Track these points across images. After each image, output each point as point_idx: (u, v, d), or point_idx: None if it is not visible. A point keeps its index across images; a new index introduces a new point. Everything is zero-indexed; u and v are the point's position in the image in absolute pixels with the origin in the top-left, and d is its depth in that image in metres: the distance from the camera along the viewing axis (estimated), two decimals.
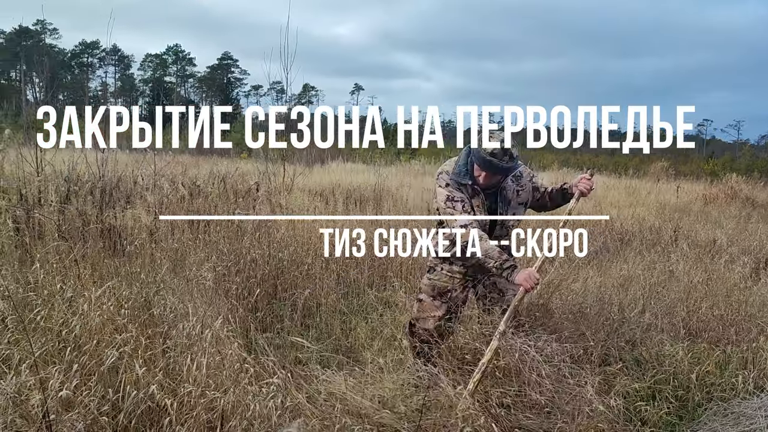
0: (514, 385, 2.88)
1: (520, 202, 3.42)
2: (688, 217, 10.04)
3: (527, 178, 3.44)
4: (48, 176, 6.06)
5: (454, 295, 3.40)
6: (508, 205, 3.37)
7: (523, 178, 3.43)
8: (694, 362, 3.53)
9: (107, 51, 78.28)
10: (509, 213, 3.38)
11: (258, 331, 3.94)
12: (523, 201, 3.43)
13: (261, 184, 7.64)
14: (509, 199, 3.37)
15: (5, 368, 2.53)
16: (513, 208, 3.39)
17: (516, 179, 3.39)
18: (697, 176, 22.72)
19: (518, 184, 3.40)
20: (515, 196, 3.39)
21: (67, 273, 3.58)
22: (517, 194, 3.40)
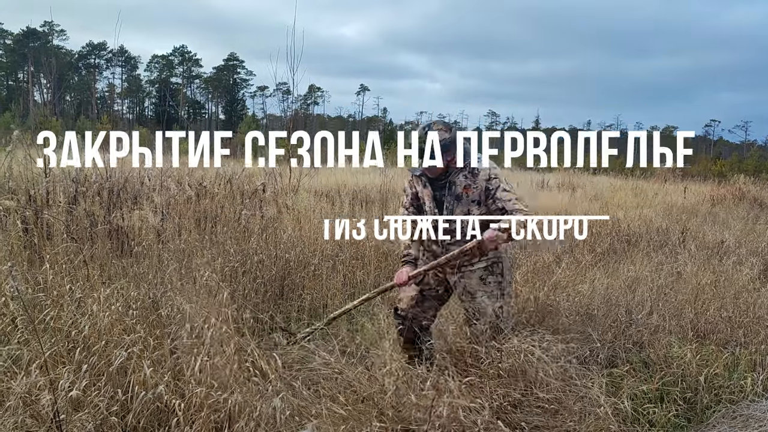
0: (520, 384, 2.88)
1: (473, 199, 3.28)
2: (696, 219, 10.00)
3: (483, 177, 3.26)
4: (56, 177, 6.09)
5: (426, 279, 3.43)
6: (457, 200, 3.28)
7: (479, 175, 3.26)
8: (702, 364, 3.51)
9: (114, 52, 78.60)
10: (457, 208, 3.28)
11: (264, 332, 3.95)
12: (475, 199, 3.28)
13: (267, 185, 7.64)
14: (458, 193, 3.28)
15: (15, 368, 2.55)
16: (464, 204, 3.28)
17: (471, 175, 3.27)
18: (704, 177, 22.64)
19: (473, 180, 3.28)
20: (467, 191, 3.28)
21: (76, 274, 3.59)
22: (470, 190, 3.28)
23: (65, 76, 75.35)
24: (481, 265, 3.30)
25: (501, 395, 2.81)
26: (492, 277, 3.30)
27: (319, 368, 2.91)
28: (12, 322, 2.90)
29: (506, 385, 2.87)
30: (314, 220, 6.15)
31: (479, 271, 3.30)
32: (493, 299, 3.27)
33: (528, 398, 2.85)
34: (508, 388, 2.86)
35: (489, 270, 3.30)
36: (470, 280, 3.30)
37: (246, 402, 2.53)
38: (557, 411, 2.79)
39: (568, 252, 6.40)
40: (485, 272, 3.30)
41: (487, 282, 3.29)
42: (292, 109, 13.07)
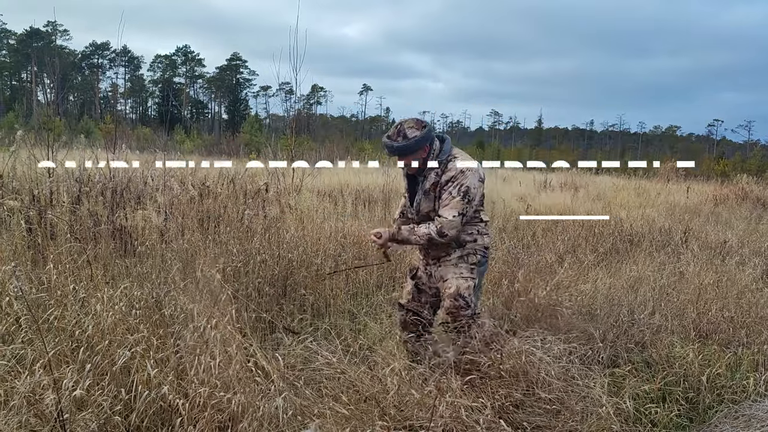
0: (522, 384, 2.88)
1: (437, 196, 3.35)
2: (699, 218, 9.99)
3: (449, 175, 3.29)
4: (59, 177, 6.11)
5: (419, 273, 3.59)
6: (425, 196, 3.38)
7: (447, 172, 3.30)
8: (704, 364, 3.51)
9: (117, 52, 78.77)
10: (423, 203, 3.39)
11: (267, 332, 3.96)
12: (438, 195, 3.35)
13: (270, 184, 7.65)
14: (426, 189, 3.37)
15: (20, 368, 2.56)
16: (430, 200, 3.37)
17: (442, 172, 3.32)
18: (707, 177, 22.60)
19: (441, 176, 3.33)
20: (434, 187, 3.35)
21: (79, 273, 3.61)
22: (437, 186, 3.34)
23: (68, 76, 75.54)
24: (456, 255, 3.41)
25: (503, 395, 2.82)
26: (464, 264, 3.41)
27: (322, 368, 2.91)
28: (16, 321, 2.91)
29: (508, 386, 2.88)
30: (317, 219, 6.17)
31: (454, 259, 3.42)
32: (462, 280, 3.37)
33: (530, 399, 2.86)
34: (510, 389, 2.86)
35: (463, 259, 3.42)
36: (446, 268, 3.43)
37: (249, 402, 2.54)
38: (559, 411, 2.79)
39: (570, 252, 6.40)
40: (459, 260, 3.42)
41: (458, 266, 3.41)
42: (295, 109, 13.11)
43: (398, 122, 3.38)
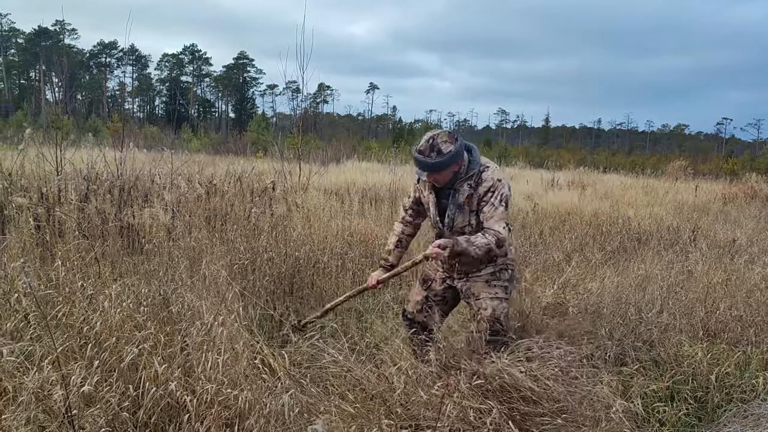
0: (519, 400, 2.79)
1: (472, 209, 3.21)
2: (707, 217, 9.94)
3: (485, 187, 3.16)
4: (68, 175, 6.14)
5: (433, 285, 3.47)
6: (459, 210, 3.21)
7: (482, 184, 3.16)
8: (713, 363, 3.49)
9: (125, 51, 79.09)
10: (458, 218, 3.22)
11: (273, 330, 3.96)
12: (475, 209, 3.20)
13: (277, 183, 7.67)
14: (460, 202, 3.20)
15: (28, 364, 2.57)
16: (465, 214, 3.21)
17: (476, 184, 3.17)
18: (716, 175, 22.50)
19: (476, 189, 3.18)
20: (469, 201, 3.19)
21: (87, 271, 3.62)
22: (473, 199, 3.19)
23: (77, 75, 75.92)
24: (488, 271, 3.29)
25: (507, 400, 2.78)
26: (498, 281, 3.29)
27: (329, 366, 2.91)
28: (25, 318, 2.92)
29: (510, 401, 2.80)
30: (324, 218, 6.17)
31: (485, 276, 3.29)
32: (497, 301, 3.24)
33: (534, 408, 2.80)
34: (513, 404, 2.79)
35: (495, 275, 3.29)
36: (476, 284, 3.30)
37: (256, 399, 2.55)
38: (567, 417, 2.74)
39: (578, 250, 6.38)
40: (491, 277, 3.29)
41: (491, 284, 3.28)
42: (301, 107, 13.13)
43: (429, 135, 3.15)
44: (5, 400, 2.38)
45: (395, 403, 2.61)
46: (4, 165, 6.50)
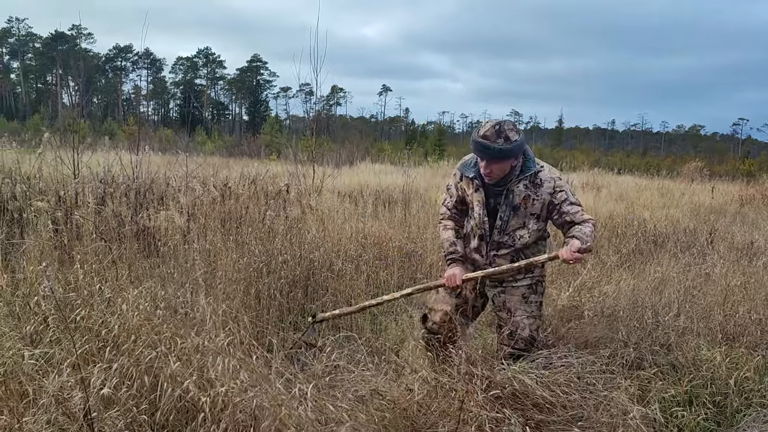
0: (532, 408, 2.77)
1: (532, 212, 3.04)
2: (724, 219, 9.83)
3: (547, 189, 3.01)
4: (84, 178, 6.21)
5: (463, 292, 3.24)
6: (513, 211, 3.04)
7: (542, 187, 3.01)
8: (732, 367, 3.45)
9: (140, 54, 79.81)
10: (512, 220, 3.05)
11: (288, 332, 3.98)
12: (536, 212, 3.05)
13: (291, 185, 7.70)
14: (516, 204, 3.03)
15: (48, 367, 2.60)
16: (521, 216, 3.05)
17: (533, 185, 3.02)
18: (732, 177, 22.27)
19: (534, 191, 3.02)
20: (525, 202, 3.02)
21: (105, 274, 3.66)
22: (529, 202, 3.02)
23: (93, 79, 76.63)
24: (525, 283, 3.15)
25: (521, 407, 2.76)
26: (534, 296, 3.16)
27: (346, 373, 2.90)
28: (44, 321, 2.96)
29: (524, 408, 2.78)
30: (338, 220, 6.18)
31: (522, 289, 3.14)
32: (532, 319, 3.12)
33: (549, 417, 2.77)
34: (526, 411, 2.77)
35: (532, 289, 3.16)
36: (512, 297, 3.14)
37: (272, 402, 2.55)
38: (584, 426, 2.71)
39: (593, 252, 6.34)
40: (528, 290, 3.15)
41: (529, 301, 3.13)
42: (314, 110, 13.18)
43: (494, 122, 2.94)
44: (26, 403, 2.41)
45: (414, 413, 2.60)
46: (23, 169, 6.59)
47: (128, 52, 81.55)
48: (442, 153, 29.53)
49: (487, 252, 3.16)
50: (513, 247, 3.10)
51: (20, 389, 2.48)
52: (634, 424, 2.60)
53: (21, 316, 3.12)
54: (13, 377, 2.50)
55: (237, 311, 3.60)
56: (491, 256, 3.15)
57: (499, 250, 3.12)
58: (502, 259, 3.12)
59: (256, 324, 3.89)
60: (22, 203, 5.26)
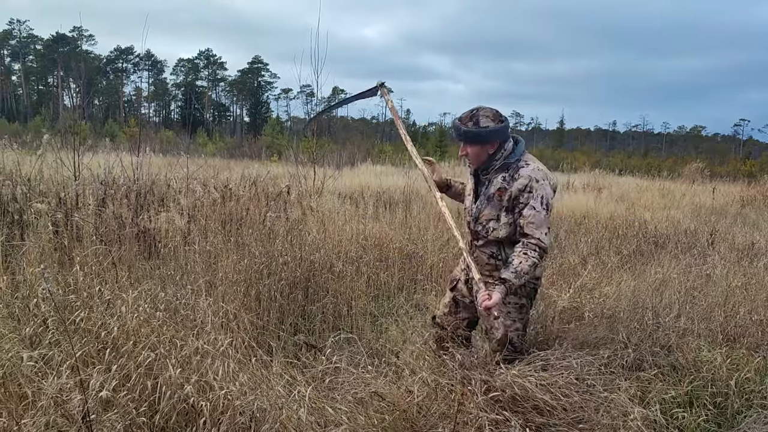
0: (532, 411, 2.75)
1: (503, 205, 2.99)
2: (725, 220, 9.83)
3: (521, 183, 2.93)
4: (85, 180, 6.21)
5: (459, 285, 3.27)
6: (487, 201, 3.04)
7: (518, 180, 2.94)
8: (732, 368, 3.45)
9: (141, 56, 79.92)
10: (485, 210, 3.05)
11: (288, 334, 3.97)
12: (506, 206, 2.99)
13: (292, 187, 7.69)
14: (490, 194, 3.03)
15: (47, 369, 2.59)
16: (493, 207, 3.02)
17: (510, 177, 2.97)
18: (733, 177, 22.25)
19: (509, 182, 2.97)
20: (500, 194, 2.99)
21: (105, 275, 3.66)
22: (504, 194, 2.98)
23: (94, 81, 76.74)
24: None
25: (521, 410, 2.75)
26: (514, 297, 3.06)
27: (345, 375, 2.90)
28: (43, 323, 2.95)
29: (524, 412, 2.77)
30: (338, 222, 6.18)
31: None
32: (510, 321, 3.06)
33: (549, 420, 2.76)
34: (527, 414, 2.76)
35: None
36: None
37: (272, 405, 2.55)
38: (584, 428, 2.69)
39: (594, 253, 6.33)
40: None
41: (505, 302, 3.01)
42: (315, 111, 13.18)
43: (475, 107, 3.01)
44: (25, 405, 2.41)
45: (414, 414, 2.59)
46: (23, 170, 6.59)
47: (129, 54, 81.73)
48: (443, 154, 29.55)
49: (471, 241, 3.21)
50: (486, 238, 3.07)
51: (19, 391, 2.48)
52: (634, 426, 2.59)
53: (20, 317, 3.12)
54: (12, 379, 2.50)
55: (237, 313, 3.61)
56: (474, 246, 3.18)
57: (478, 240, 3.14)
58: (482, 252, 3.12)
59: (256, 325, 3.90)
60: (22, 205, 5.26)
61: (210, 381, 2.60)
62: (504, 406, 2.59)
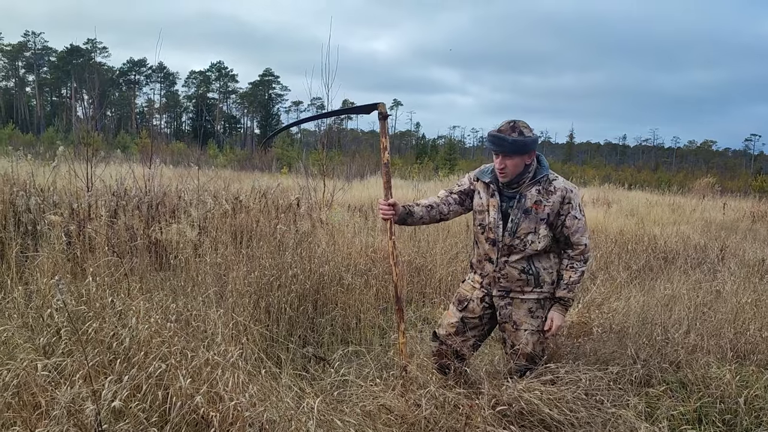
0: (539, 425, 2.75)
1: (541, 217, 3.04)
2: (735, 236, 9.78)
3: (559, 196, 3.04)
4: (98, 191, 6.28)
5: (470, 306, 3.25)
6: (525, 215, 3.04)
7: (554, 194, 3.04)
8: (742, 385, 3.42)
9: (153, 68, 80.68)
10: (523, 223, 3.04)
11: (297, 346, 3.99)
12: (544, 217, 3.04)
13: (302, 199, 7.74)
14: (527, 207, 3.04)
15: (60, 378, 2.63)
16: (531, 220, 3.04)
17: (545, 192, 3.05)
18: (744, 193, 22.13)
19: (545, 196, 3.04)
20: (536, 207, 3.03)
21: (117, 286, 3.70)
22: (540, 207, 3.04)
23: (107, 92, 77.54)
24: (533, 296, 3.13)
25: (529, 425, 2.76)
26: (542, 311, 3.14)
27: (354, 388, 2.92)
28: (57, 333, 2.99)
29: (532, 426, 2.77)
30: (347, 234, 6.21)
31: (530, 302, 3.14)
32: (536, 336, 3.13)
33: None
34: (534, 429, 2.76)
35: (540, 304, 3.14)
36: (518, 310, 3.14)
37: (281, 417, 2.57)
38: None
39: (603, 268, 6.32)
40: (536, 305, 3.14)
41: (535, 316, 3.13)
42: (325, 123, 13.23)
43: (508, 120, 3.03)
44: (38, 414, 2.44)
45: (423, 428, 2.60)
46: (37, 181, 6.68)
47: (142, 66, 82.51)
48: (452, 167, 29.61)
49: (497, 258, 3.14)
50: (523, 252, 3.08)
51: (33, 401, 2.51)
52: None
53: (34, 327, 3.16)
54: (27, 388, 2.53)
55: (247, 324, 3.64)
56: (501, 262, 3.13)
57: (510, 256, 3.10)
58: (513, 267, 3.11)
59: (265, 337, 3.92)
60: (36, 215, 5.33)
61: (220, 392, 2.62)
62: (511, 420, 2.60)
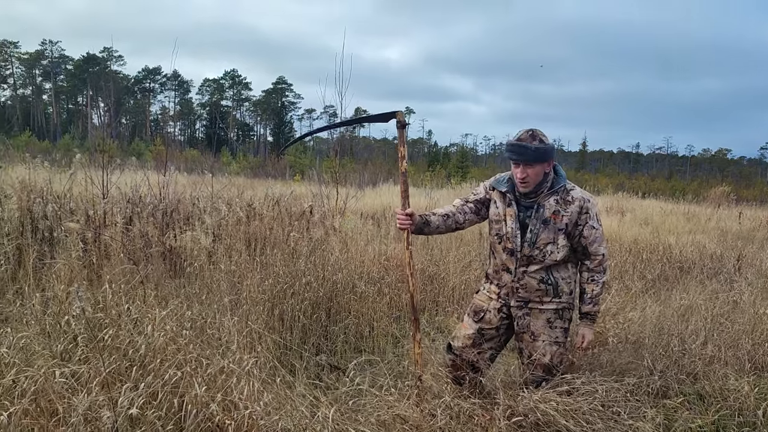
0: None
1: (560, 227, 3.03)
2: (752, 245, 9.66)
3: (577, 206, 3.04)
4: (113, 198, 6.33)
5: (487, 317, 3.21)
6: (543, 225, 3.03)
7: (572, 204, 3.04)
8: (760, 398, 3.38)
9: (168, 76, 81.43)
10: (542, 234, 3.03)
11: (310, 354, 3.99)
12: (563, 228, 3.04)
13: (315, 207, 7.75)
14: (546, 217, 3.03)
15: (77, 385, 2.64)
16: (550, 230, 3.03)
17: (563, 201, 3.05)
18: (761, 201, 21.91)
19: (563, 206, 3.04)
20: (555, 217, 3.03)
21: (132, 293, 3.72)
22: (558, 217, 3.03)
23: (122, 100, 78.33)
24: (551, 307, 3.12)
25: None
26: (560, 321, 3.13)
27: (368, 397, 2.91)
28: (74, 339, 3.01)
29: None
30: (360, 242, 6.21)
31: (548, 313, 3.12)
32: (554, 347, 3.11)
33: None
34: None
35: (558, 314, 3.13)
36: (536, 320, 3.12)
37: (296, 426, 2.57)
38: None
39: (617, 278, 6.28)
40: (554, 315, 3.12)
41: (553, 326, 3.12)
42: (338, 131, 13.31)
43: (526, 129, 3.04)
44: (56, 421, 2.45)
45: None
46: (54, 188, 6.74)
47: (157, 74, 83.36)
48: (464, 175, 29.58)
49: (516, 268, 3.12)
50: (543, 262, 3.07)
51: (50, 407, 2.52)
52: None
53: (51, 334, 3.18)
54: (44, 395, 2.55)
55: (261, 332, 3.65)
56: (520, 272, 3.11)
57: (529, 266, 3.09)
58: (532, 277, 3.09)
59: (279, 345, 3.93)
60: (53, 222, 5.38)
61: (235, 400, 2.63)
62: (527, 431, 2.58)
